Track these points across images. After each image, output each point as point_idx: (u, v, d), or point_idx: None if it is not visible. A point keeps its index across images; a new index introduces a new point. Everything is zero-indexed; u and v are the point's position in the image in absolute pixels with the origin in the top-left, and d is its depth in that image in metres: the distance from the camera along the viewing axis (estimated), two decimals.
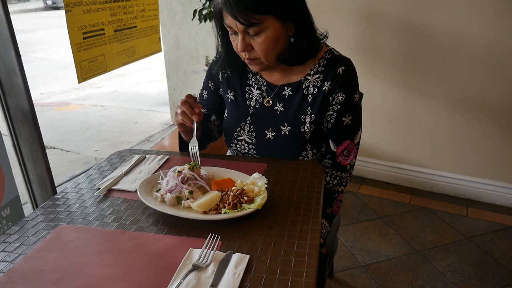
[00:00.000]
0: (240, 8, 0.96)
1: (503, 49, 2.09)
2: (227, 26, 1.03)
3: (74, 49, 1.44)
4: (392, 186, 2.64)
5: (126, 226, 0.87)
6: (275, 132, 1.17)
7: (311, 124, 1.13)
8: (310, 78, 1.14)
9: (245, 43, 1.03)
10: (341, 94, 1.12)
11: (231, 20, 0.99)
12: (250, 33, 1.01)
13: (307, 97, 1.14)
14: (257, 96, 1.20)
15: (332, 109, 1.14)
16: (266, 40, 1.01)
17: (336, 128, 1.16)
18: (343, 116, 1.14)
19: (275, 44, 1.04)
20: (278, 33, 1.03)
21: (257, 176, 0.96)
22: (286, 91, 1.16)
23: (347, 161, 1.20)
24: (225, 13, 1.01)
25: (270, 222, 0.86)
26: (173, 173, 0.96)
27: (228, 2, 0.97)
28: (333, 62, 1.12)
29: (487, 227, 2.20)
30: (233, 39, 1.07)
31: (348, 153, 1.19)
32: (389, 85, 2.40)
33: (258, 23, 0.98)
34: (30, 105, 1.14)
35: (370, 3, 2.31)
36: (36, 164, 1.21)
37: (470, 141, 2.34)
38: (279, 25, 1.02)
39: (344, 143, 1.17)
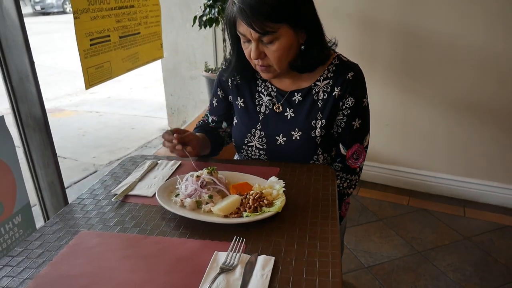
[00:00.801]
0: (256, 17, 0.98)
1: (496, 53, 2.15)
2: (241, 34, 1.05)
3: (82, 56, 1.45)
4: (390, 188, 2.68)
5: (148, 231, 0.88)
6: (286, 138, 1.18)
7: (321, 129, 1.16)
8: (319, 83, 1.16)
9: (259, 50, 1.05)
10: (351, 98, 1.14)
11: (246, 28, 1.01)
12: (264, 41, 1.03)
13: (317, 103, 1.16)
14: (267, 102, 1.22)
15: (342, 113, 1.16)
16: (280, 48, 1.04)
17: (346, 132, 1.18)
18: (353, 120, 1.17)
19: (288, 52, 1.06)
20: (291, 41, 1.05)
21: (274, 179, 0.98)
22: (296, 97, 1.18)
23: (357, 164, 1.22)
24: (239, 21, 1.03)
25: (290, 224, 0.88)
26: (191, 178, 0.97)
27: (243, 11, 0.98)
28: (342, 68, 1.15)
29: (484, 227, 2.25)
30: (246, 47, 1.09)
31: (357, 156, 1.22)
32: (386, 89, 2.44)
33: (273, 32, 1.00)
34: (43, 111, 1.14)
35: (366, 9, 2.36)
36: (47, 171, 1.21)
37: (465, 143, 2.40)
38: (292, 33, 1.04)
39: (354, 146, 1.20)
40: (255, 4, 0.97)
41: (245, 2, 0.98)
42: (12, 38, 1.04)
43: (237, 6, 1.00)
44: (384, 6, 2.31)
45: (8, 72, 1.09)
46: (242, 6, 0.98)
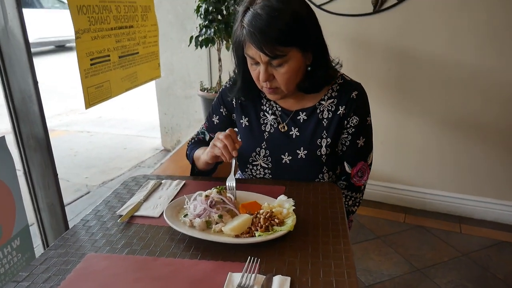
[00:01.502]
0: (267, 41, 0.98)
1: (484, 72, 2.22)
2: (249, 56, 1.06)
3: (83, 75, 1.44)
4: (385, 205, 2.68)
5: (157, 253, 0.86)
6: (291, 156, 1.18)
7: (327, 148, 1.16)
8: (324, 103, 1.17)
9: (268, 73, 1.05)
10: (355, 117, 1.16)
11: (255, 51, 1.02)
12: (273, 64, 1.04)
13: (322, 121, 1.17)
14: (272, 121, 1.22)
15: (346, 132, 1.17)
16: (289, 71, 1.04)
17: (351, 150, 1.19)
18: (358, 138, 1.18)
19: (296, 74, 1.07)
20: (300, 64, 1.06)
21: (283, 198, 0.97)
22: (301, 116, 1.19)
23: (361, 182, 1.23)
24: (248, 45, 1.03)
25: (302, 243, 0.87)
26: (200, 198, 0.96)
27: (254, 35, 0.99)
28: (346, 87, 1.16)
29: (481, 243, 2.26)
30: (253, 69, 1.09)
31: (362, 174, 1.22)
32: (381, 107, 2.48)
33: (282, 55, 1.01)
34: (45, 131, 1.12)
35: (360, 30, 2.42)
36: (48, 192, 1.18)
37: (458, 160, 2.43)
38: (300, 56, 1.05)
39: (358, 164, 1.21)
40: (265, 28, 0.98)
41: (255, 26, 0.98)
42: (16, 58, 1.03)
43: (247, 30, 1.01)
44: (377, 28, 2.37)
45: (10, 92, 1.07)
46: (252, 30, 0.99)
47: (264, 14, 0.98)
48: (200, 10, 2.47)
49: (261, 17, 0.98)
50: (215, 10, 2.46)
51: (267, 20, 0.98)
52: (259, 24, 0.98)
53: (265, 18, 0.98)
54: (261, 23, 0.98)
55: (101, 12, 1.53)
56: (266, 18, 0.98)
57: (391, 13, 2.32)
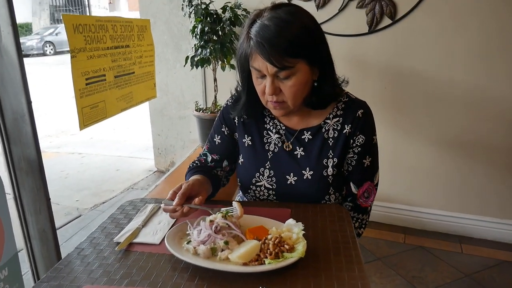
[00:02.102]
0: (275, 51, 0.96)
1: (479, 91, 2.23)
2: (255, 69, 1.03)
3: (77, 95, 1.40)
4: (384, 226, 2.64)
5: (159, 284, 0.80)
6: (296, 177, 1.14)
7: (333, 168, 1.12)
8: (329, 121, 1.14)
9: (274, 86, 1.02)
10: (362, 136, 1.13)
11: (262, 63, 0.99)
12: (280, 77, 1.01)
13: (327, 141, 1.14)
14: (276, 140, 1.18)
15: (352, 151, 1.14)
16: (296, 84, 1.02)
17: (357, 170, 1.16)
18: (364, 158, 1.15)
19: (303, 88, 1.05)
20: (307, 77, 1.04)
21: (292, 222, 0.92)
22: (305, 135, 1.16)
23: (368, 203, 1.19)
24: (255, 56, 1.00)
25: (314, 270, 0.82)
26: (204, 223, 0.90)
27: (262, 45, 0.96)
28: (351, 105, 1.14)
29: (483, 263, 2.22)
30: (259, 83, 1.06)
31: (368, 194, 1.18)
32: (378, 126, 2.45)
33: (290, 67, 0.98)
34: (38, 153, 1.07)
35: (356, 50, 2.43)
36: (39, 217, 1.11)
37: (456, 179, 2.42)
38: (308, 69, 1.03)
39: (365, 184, 1.17)
40: (274, 39, 0.96)
41: (263, 37, 0.96)
42: (9, 77, 0.98)
43: (255, 41, 0.98)
44: (373, 48, 2.39)
45: (1, 112, 1.02)
46: (261, 41, 0.97)
47: (273, 25, 0.97)
48: (196, 30, 2.46)
49: (269, 28, 0.97)
50: (210, 31, 2.46)
51: (275, 30, 0.96)
52: (267, 35, 0.96)
53: (274, 28, 0.96)
54: (270, 33, 0.96)
55: (97, 32, 1.50)
56: (274, 29, 0.96)
57: (386, 33, 2.35)
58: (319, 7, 2.44)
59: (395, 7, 2.29)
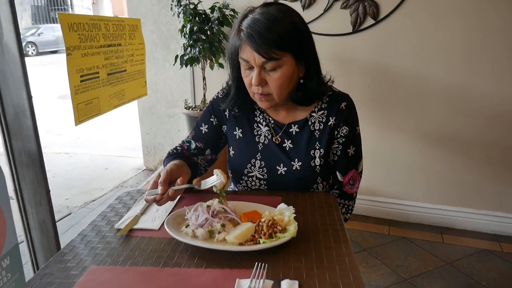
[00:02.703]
0: (264, 43, 1.02)
1: (460, 88, 2.34)
2: (244, 60, 1.08)
3: (73, 92, 1.44)
4: (370, 219, 2.73)
5: (162, 264, 0.86)
6: (286, 168, 1.21)
7: (320, 158, 1.19)
8: (315, 114, 1.21)
9: (261, 77, 1.07)
10: (345, 127, 1.20)
11: (250, 53, 1.05)
12: (266, 68, 1.06)
13: (314, 133, 1.20)
14: (266, 132, 1.24)
15: (337, 142, 1.21)
16: (282, 76, 1.07)
17: (342, 159, 1.23)
18: (348, 147, 1.22)
19: (289, 81, 1.10)
20: (292, 71, 1.09)
21: (283, 206, 0.99)
22: (293, 128, 1.22)
23: (353, 190, 1.27)
24: (244, 47, 1.06)
25: (305, 249, 0.89)
26: (201, 208, 0.96)
27: (252, 36, 1.03)
28: (335, 99, 1.21)
29: (463, 252, 2.33)
30: (246, 75, 1.11)
31: (353, 181, 1.26)
32: (362, 123, 2.55)
33: (277, 58, 1.04)
34: (38, 147, 1.10)
35: (341, 49, 2.52)
36: (39, 209, 1.15)
37: (438, 172, 2.52)
38: (294, 64, 1.09)
39: (350, 172, 1.25)
40: (264, 31, 1.02)
41: (254, 29, 1.03)
42: (11, 73, 1.02)
43: (245, 32, 1.04)
44: (357, 47, 2.48)
45: (3, 107, 1.05)
46: (251, 32, 1.03)
47: (264, 19, 1.03)
48: (185, 30, 2.51)
49: (260, 21, 1.03)
50: (199, 30, 2.51)
51: (266, 24, 1.02)
52: (258, 28, 1.02)
53: (264, 22, 1.03)
54: (260, 26, 1.02)
55: (91, 30, 1.54)
56: (265, 23, 1.02)
57: (370, 32, 2.44)
58: (305, 8, 2.52)
59: (378, 8, 2.38)
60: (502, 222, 2.47)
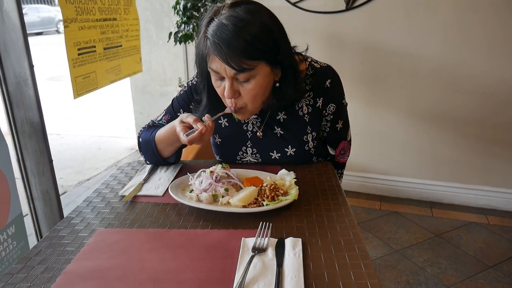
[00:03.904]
0: (233, 53, 0.91)
1: (451, 65, 2.38)
2: (213, 71, 0.97)
3: (71, 65, 1.43)
4: (362, 195, 2.80)
5: (168, 225, 0.89)
6: (280, 154, 1.18)
7: (313, 141, 1.18)
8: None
9: (233, 89, 0.98)
10: (332, 104, 1.16)
11: (220, 65, 0.94)
12: (239, 79, 0.97)
13: (303, 118, 1.15)
14: (253, 120, 1.18)
15: (325, 119, 1.19)
16: (256, 87, 0.98)
17: (332, 134, 1.22)
18: (336, 123, 1.20)
19: (264, 90, 1.01)
20: (267, 80, 1.00)
21: (284, 172, 1.02)
22: (280, 115, 1.16)
23: (345, 158, 1.31)
24: (212, 58, 0.95)
25: (306, 211, 0.92)
26: (205, 174, 0.99)
27: (219, 46, 0.91)
28: (318, 77, 1.13)
29: (451, 224, 2.41)
30: (218, 85, 1.01)
31: (344, 151, 1.28)
32: (354, 100, 2.59)
33: (250, 69, 0.94)
34: (41, 117, 1.11)
35: (334, 27, 2.53)
36: (42, 179, 1.16)
37: (428, 148, 2.59)
38: (269, 71, 0.99)
39: (340, 144, 1.26)
40: (231, 40, 0.90)
41: (220, 37, 0.90)
42: (11, 41, 1.02)
43: (211, 41, 0.92)
44: (350, 24, 2.49)
45: (4, 76, 1.05)
46: (217, 41, 0.91)
47: (230, 25, 0.90)
48: (178, 6, 2.49)
49: (227, 27, 0.90)
50: (193, 7, 2.49)
51: (233, 30, 0.90)
52: (225, 35, 0.90)
53: (231, 28, 0.90)
54: (227, 34, 0.90)
55: (87, 3, 1.52)
56: (232, 29, 0.90)
57: (363, 10, 2.44)
58: None
59: None
60: (489, 196, 2.56)
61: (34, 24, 15.14)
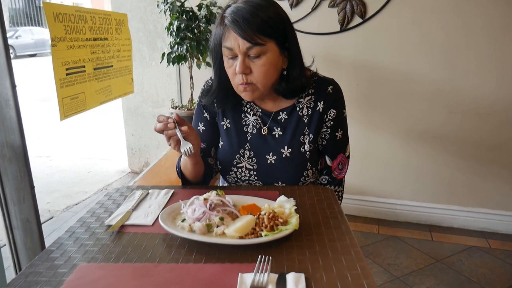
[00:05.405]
0: (249, 27, 1.01)
1: (444, 86, 2.36)
2: (227, 48, 1.05)
3: (58, 85, 1.37)
4: (359, 218, 2.73)
5: (158, 259, 0.81)
6: (276, 156, 1.19)
7: (310, 144, 1.19)
8: (302, 100, 1.20)
9: (245, 65, 1.05)
10: (333, 110, 1.20)
11: (234, 40, 1.03)
12: (250, 56, 1.05)
13: (302, 118, 1.20)
14: (254, 122, 1.23)
15: (326, 125, 1.21)
16: (266, 63, 1.05)
17: (331, 143, 1.23)
18: (336, 131, 1.22)
19: (273, 69, 1.08)
20: (276, 59, 1.08)
21: (283, 199, 0.96)
22: (281, 115, 1.21)
23: (342, 174, 1.27)
24: (228, 35, 1.04)
25: (308, 242, 0.85)
26: (198, 201, 0.92)
27: (236, 21, 1.02)
28: (321, 83, 1.20)
29: (452, 249, 2.34)
30: (230, 65, 1.08)
31: (342, 166, 1.27)
32: (351, 121, 2.54)
33: (261, 44, 1.03)
34: (22, 140, 1.04)
35: (329, 48, 2.51)
36: (22, 206, 1.07)
37: (425, 170, 2.54)
38: (277, 52, 1.08)
39: (338, 157, 1.25)
40: (248, 16, 1.01)
41: (237, 14, 1.02)
42: None
43: (229, 19, 1.03)
44: (345, 46, 2.48)
45: None
46: (235, 17, 1.02)
47: (247, 6, 1.03)
48: (172, 27, 2.46)
49: (244, 8, 1.02)
50: (186, 28, 2.46)
51: (250, 10, 1.02)
52: (242, 13, 1.02)
53: (248, 9, 1.02)
54: (244, 12, 1.02)
55: (77, 22, 1.48)
56: (249, 9, 1.02)
57: (357, 31, 2.44)
58: (293, 6, 2.51)
59: (365, 7, 2.39)
60: (488, 218, 2.50)
61: (28, 46, 15.18)
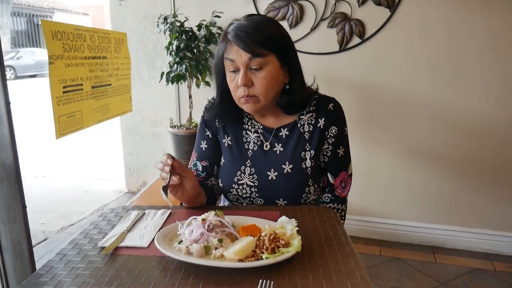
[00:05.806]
0: (250, 41, 1.05)
1: (443, 104, 2.36)
2: (230, 60, 1.08)
3: (54, 103, 1.35)
4: (360, 239, 2.67)
5: (152, 284, 0.76)
6: (277, 172, 1.18)
7: (311, 160, 1.18)
8: (304, 117, 1.20)
9: (247, 77, 1.07)
10: (334, 127, 1.19)
11: (236, 52, 1.06)
12: (252, 68, 1.07)
13: (304, 135, 1.19)
14: (255, 139, 1.22)
15: (327, 142, 1.20)
16: (267, 75, 1.07)
17: (333, 160, 1.22)
18: (338, 148, 1.21)
19: (275, 82, 1.10)
20: (277, 72, 1.10)
21: (285, 219, 0.92)
22: (283, 132, 1.21)
23: (345, 192, 1.25)
24: (230, 48, 1.07)
25: (311, 265, 0.82)
26: (196, 222, 0.88)
27: (238, 35, 1.05)
28: (322, 101, 1.21)
29: (456, 271, 2.28)
30: (232, 78, 1.10)
31: (345, 184, 1.24)
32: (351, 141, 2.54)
33: (262, 55, 1.05)
34: (15, 158, 1.01)
35: (328, 67, 2.52)
36: (13, 227, 1.03)
37: (427, 191, 2.50)
38: (278, 65, 1.09)
39: (341, 174, 1.24)
40: (250, 31, 1.05)
41: (240, 29, 1.06)
42: None
43: (232, 34, 1.07)
44: (344, 65, 2.48)
45: None
46: (238, 32, 1.06)
47: (250, 23, 1.07)
48: (171, 47, 2.47)
49: (247, 24, 1.07)
50: (186, 48, 2.47)
51: (252, 26, 1.06)
52: (244, 28, 1.06)
53: (250, 25, 1.06)
54: (246, 27, 1.06)
55: (75, 40, 1.47)
56: (251, 25, 1.06)
57: (356, 51, 2.45)
58: (292, 26, 2.53)
59: (364, 27, 2.41)
60: (493, 240, 2.44)
61: (29, 67, 15.31)
